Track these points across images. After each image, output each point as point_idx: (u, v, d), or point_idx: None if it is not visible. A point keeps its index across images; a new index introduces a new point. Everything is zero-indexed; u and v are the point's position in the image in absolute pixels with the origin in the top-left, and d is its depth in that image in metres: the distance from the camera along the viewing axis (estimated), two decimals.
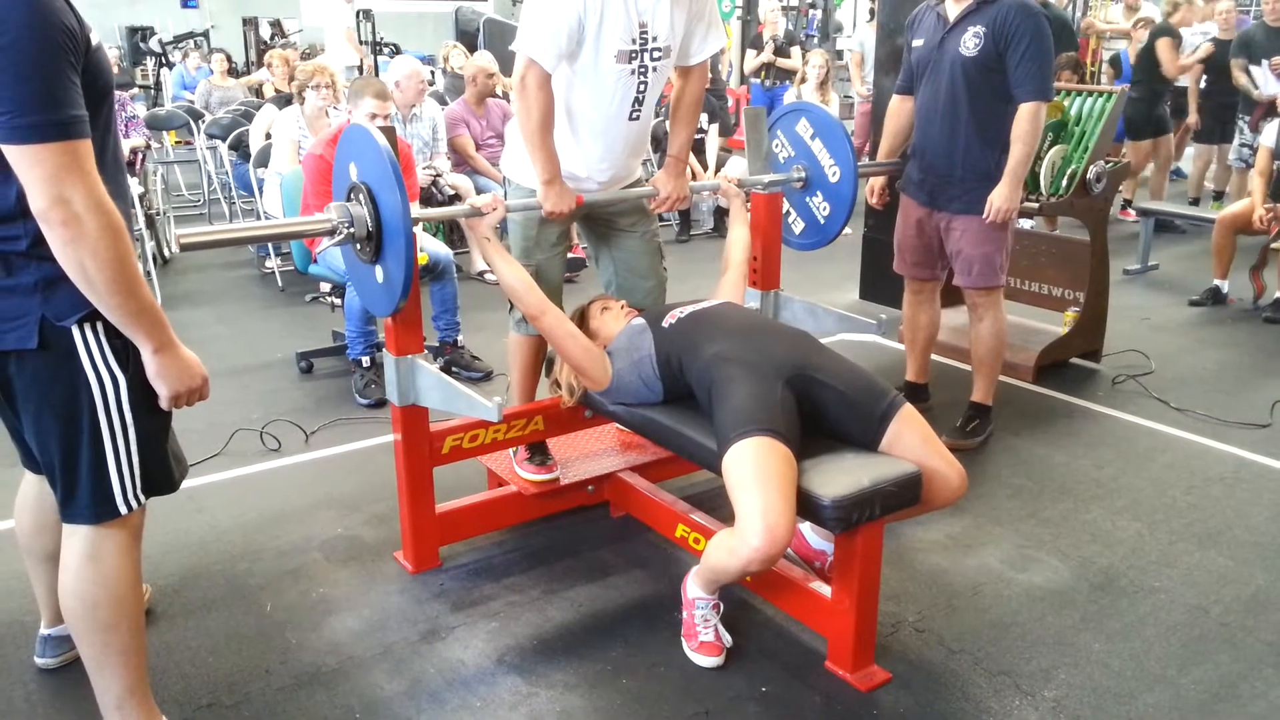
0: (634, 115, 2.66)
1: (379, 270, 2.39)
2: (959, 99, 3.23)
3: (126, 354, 1.71)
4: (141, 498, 1.80)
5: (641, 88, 2.61)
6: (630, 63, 2.55)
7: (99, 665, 1.84)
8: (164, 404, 1.75)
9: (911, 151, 3.48)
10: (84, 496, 1.76)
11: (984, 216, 3.26)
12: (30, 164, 1.47)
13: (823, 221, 3.21)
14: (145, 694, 1.91)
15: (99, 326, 1.68)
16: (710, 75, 7.40)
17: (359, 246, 2.39)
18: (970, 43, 3.17)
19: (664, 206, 2.88)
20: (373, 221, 2.32)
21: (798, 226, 3.30)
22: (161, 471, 1.85)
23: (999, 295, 3.42)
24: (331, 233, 2.37)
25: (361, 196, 2.32)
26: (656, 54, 2.58)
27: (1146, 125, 7.11)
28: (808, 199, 3.23)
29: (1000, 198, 3.23)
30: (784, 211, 3.27)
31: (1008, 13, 3.11)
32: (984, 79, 3.18)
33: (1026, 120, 3.17)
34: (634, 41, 2.53)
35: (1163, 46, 6.86)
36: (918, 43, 3.36)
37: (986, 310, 3.42)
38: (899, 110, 3.55)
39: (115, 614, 1.81)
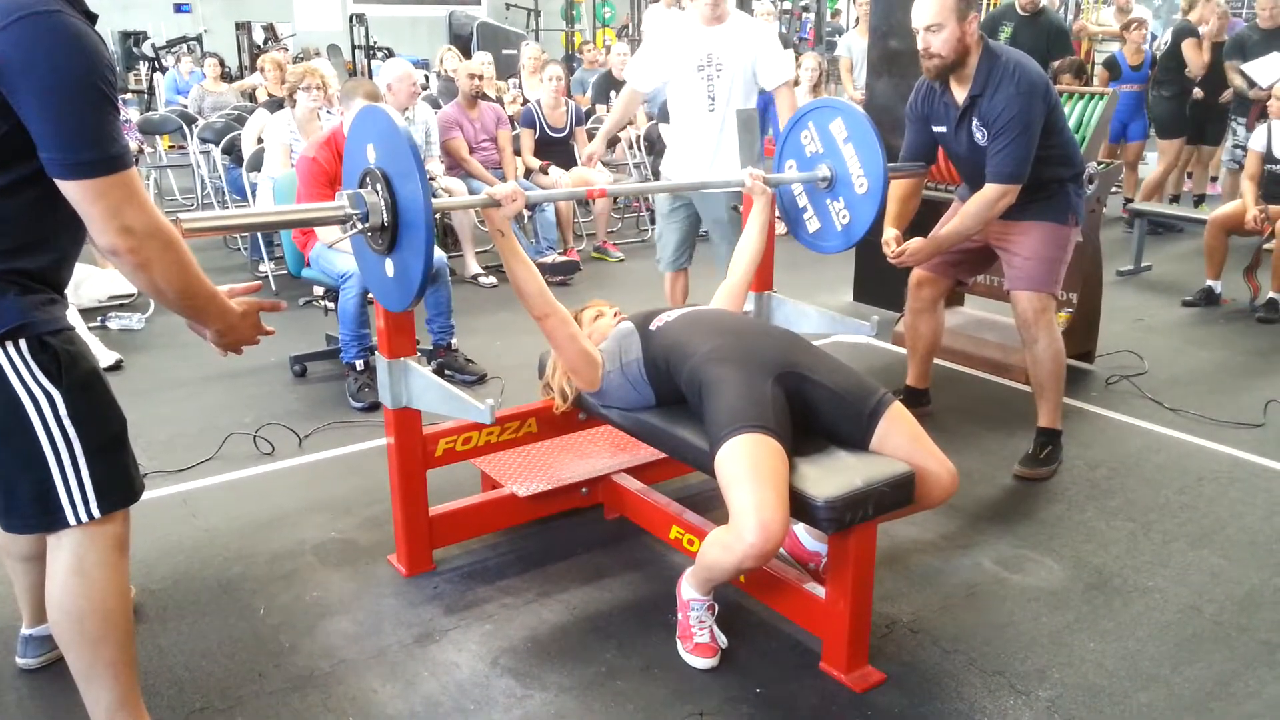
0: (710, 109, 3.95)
1: (392, 263, 2.27)
2: None
3: (58, 368, 1.69)
4: (96, 510, 1.75)
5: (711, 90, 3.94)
6: (700, 73, 3.93)
7: (88, 678, 1.83)
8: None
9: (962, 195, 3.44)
10: (24, 508, 1.74)
11: (895, 251, 3.26)
12: (92, 199, 1.55)
13: (839, 228, 3.06)
14: (136, 705, 1.89)
15: (21, 344, 1.65)
16: None
17: (372, 236, 2.25)
18: (978, 135, 3.15)
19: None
20: (389, 211, 2.17)
21: (812, 225, 3.15)
22: (119, 481, 1.80)
23: (1051, 312, 3.27)
24: (344, 221, 2.23)
25: (378, 184, 2.17)
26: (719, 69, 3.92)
27: (1176, 124, 7.13)
28: (828, 200, 3.06)
29: (915, 245, 3.24)
30: (800, 206, 3.15)
31: (997, 105, 3.04)
32: None
33: (985, 202, 3.12)
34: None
35: (1189, 47, 6.88)
36: (939, 129, 3.29)
37: (1040, 330, 3.24)
38: (902, 185, 3.43)
39: (102, 627, 1.80)
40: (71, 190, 1.56)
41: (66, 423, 1.70)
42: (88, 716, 1.91)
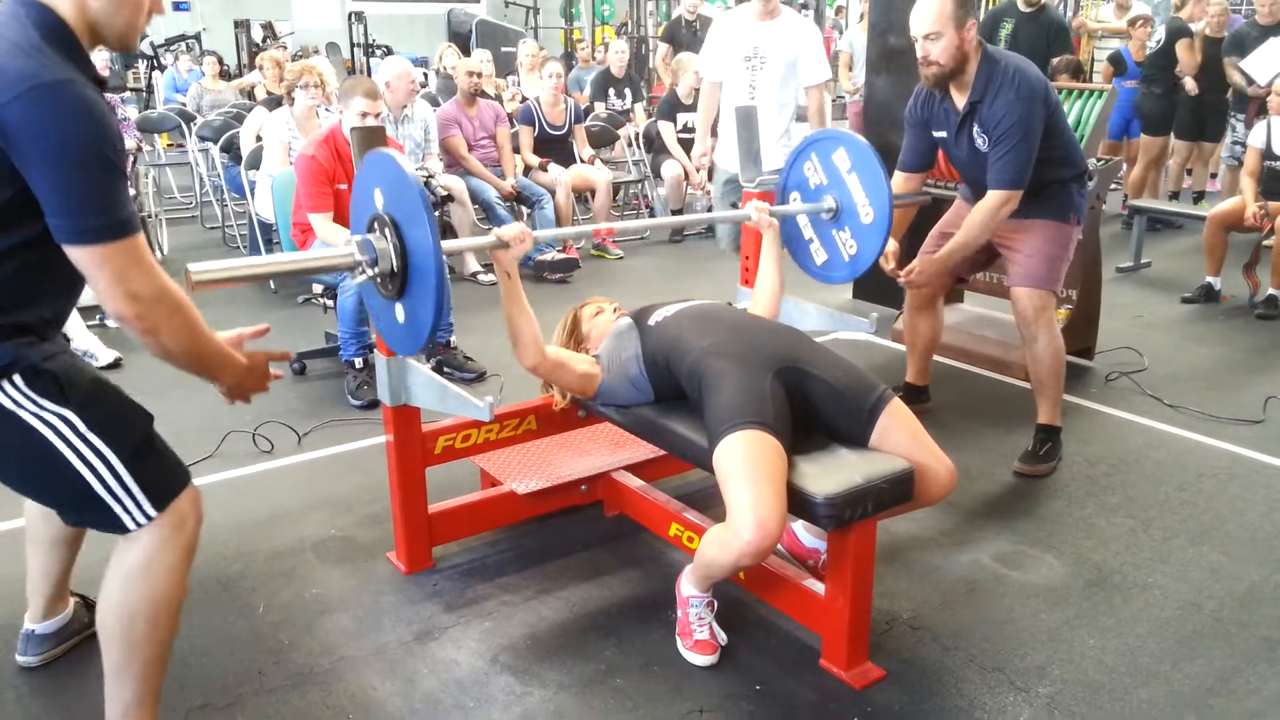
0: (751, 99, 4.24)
1: (402, 308, 2.20)
2: None
3: (60, 389, 1.70)
4: (152, 510, 1.76)
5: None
6: (746, 64, 4.33)
7: (118, 672, 1.83)
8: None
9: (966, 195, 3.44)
10: (86, 521, 1.78)
11: (903, 272, 3.26)
12: (97, 265, 1.58)
13: (846, 259, 2.99)
14: (154, 705, 1.89)
15: (15, 378, 1.67)
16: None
17: (381, 282, 2.19)
18: (979, 141, 3.15)
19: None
20: (398, 256, 2.11)
21: (819, 256, 3.08)
22: (166, 474, 1.81)
23: (1052, 311, 3.26)
24: (353, 268, 2.17)
25: (387, 230, 2.12)
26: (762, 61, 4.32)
27: (1163, 122, 7.13)
28: (834, 231, 3.00)
29: (922, 264, 3.24)
30: (806, 239, 3.09)
31: (997, 112, 3.03)
32: None
33: (988, 210, 3.11)
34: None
35: (1183, 47, 6.88)
36: (940, 134, 3.29)
37: (1040, 328, 3.22)
38: (902, 187, 3.43)
39: (150, 630, 1.81)
40: (78, 256, 1.59)
41: (91, 436, 1.71)
42: (88, 715, 1.91)
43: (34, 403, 1.68)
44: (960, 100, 3.15)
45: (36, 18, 1.61)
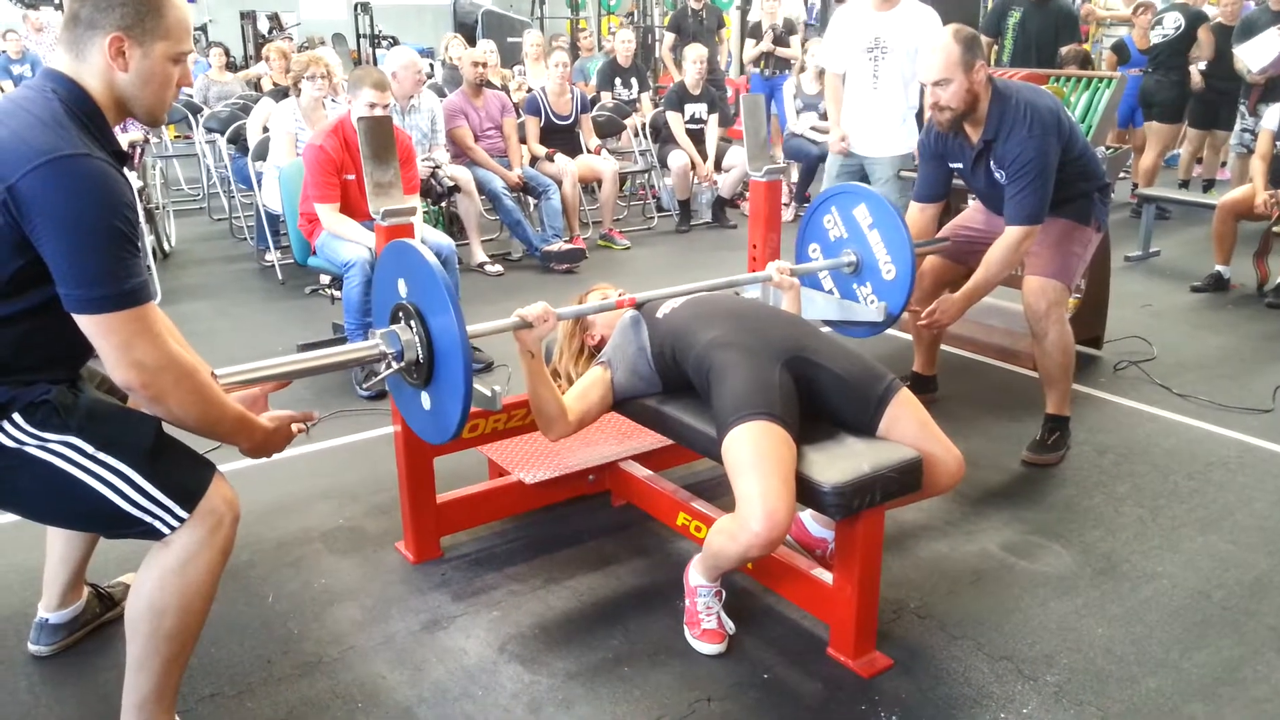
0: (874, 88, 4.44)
1: (429, 397, 2.17)
2: None
3: (59, 417, 1.70)
4: (183, 513, 1.76)
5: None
6: (868, 54, 4.41)
7: (140, 664, 1.84)
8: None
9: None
10: (122, 534, 1.78)
11: (923, 315, 3.20)
12: (104, 334, 1.62)
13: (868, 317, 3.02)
14: (171, 701, 1.90)
15: (14, 416, 1.68)
16: (709, 66, 7.40)
17: (408, 371, 2.16)
18: (997, 175, 3.15)
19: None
20: (424, 346, 2.09)
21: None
22: (188, 475, 1.81)
23: (1064, 307, 3.25)
24: (379, 360, 2.16)
25: (412, 320, 2.10)
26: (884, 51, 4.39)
27: (1176, 110, 7.10)
28: (856, 286, 3.02)
29: (944, 305, 3.20)
30: (827, 290, 3.11)
31: (1012, 150, 3.03)
32: None
33: (1007, 247, 3.09)
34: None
35: (1205, 33, 6.84)
36: (956, 165, 3.29)
37: (1050, 324, 3.19)
38: (919, 218, 3.43)
39: (179, 626, 1.81)
40: (86, 325, 1.62)
41: (101, 455, 1.72)
42: (98, 704, 1.92)
43: (36, 437, 1.69)
44: (974, 136, 3.16)
45: (64, 93, 1.67)
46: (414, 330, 2.11)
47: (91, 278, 1.59)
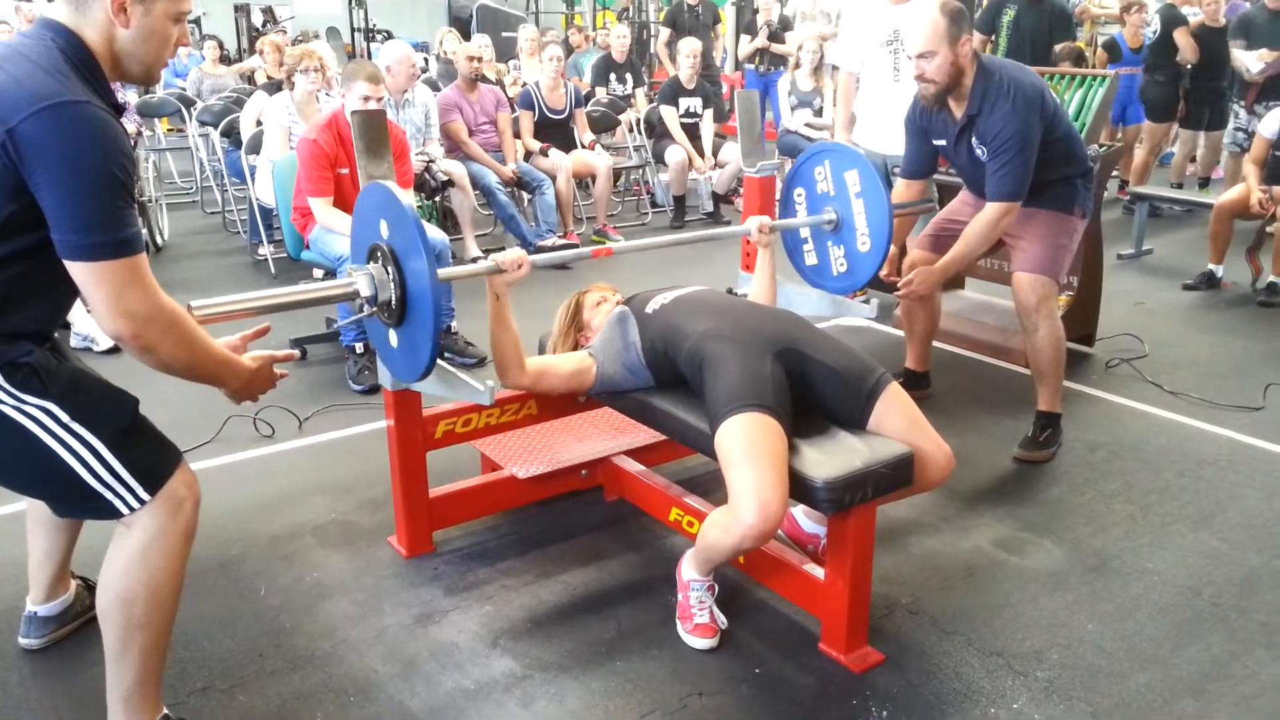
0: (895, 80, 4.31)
1: (398, 335, 2.25)
2: None
3: (40, 382, 1.70)
4: (145, 494, 1.77)
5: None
6: (887, 47, 4.31)
7: (118, 656, 1.84)
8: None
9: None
10: (78, 510, 1.80)
11: (900, 284, 3.26)
12: (95, 282, 1.61)
13: (834, 274, 3.06)
14: (155, 689, 1.90)
15: None
16: (704, 61, 7.40)
17: (381, 311, 2.23)
18: (979, 151, 3.16)
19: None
20: (398, 288, 2.15)
21: (809, 258, 3.15)
22: (155, 457, 1.82)
23: (1053, 301, 3.26)
24: (353, 298, 2.22)
25: (387, 262, 2.15)
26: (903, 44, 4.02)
27: (1167, 109, 7.11)
28: (829, 243, 3.05)
29: (922, 275, 3.24)
30: (801, 238, 3.13)
31: (994, 125, 3.04)
32: None
33: (987, 223, 3.12)
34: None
35: (1181, 35, 6.86)
36: (940, 142, 3.31)
37: (1040, 318, 3.21)
38: (904, 194, 3.45)
39: (150, 613, 1.81)
40: (78, 272, 1.62)
41: (74, 426, 1.72)
42: (90, 697, 1.92)
43: (15, 397, 1.69)
44: (958, 112, 3.17)
45: (63, 42, 1.66)
46: (389, 273, 2.15)
47: (87, 224, 1.58)
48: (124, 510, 1.76)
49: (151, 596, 1.80)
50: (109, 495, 1.75)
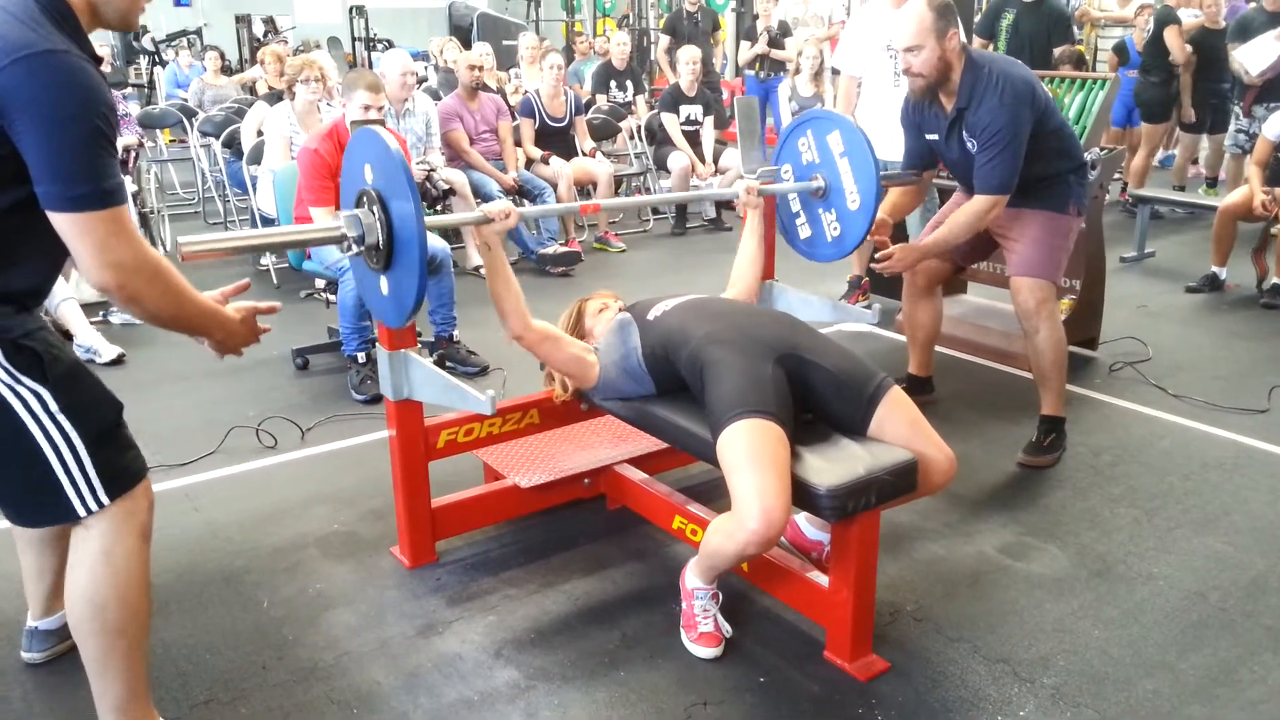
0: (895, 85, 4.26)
1: (388, 281, 2.29)
2: None
3: (40, 366, 1.71)
4: (105, 498, 1.78)
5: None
6: (887, 52, 4.30)
7: (102, 668, 1.84)
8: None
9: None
10: (34, 504, 1.77)
11: (881, 259, 3.25)
12: (80, 233, 1.59)
13: (829, 239, 3.06)
14: (145, 698, 1.90)
15: None
16: (705, 68, 7.39)
17: (369, 255, 2.27)
18: (969, 144, 3.17)
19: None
20: (384, 230, 2.20)
21: (804, 231, 3.14)
22: (124, 465, 1.82)
23: (1053, 302, 3.26)
24: (340, 240, 2.26)
25: (374, 205, 2.20)
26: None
27: (1162, 110, 7.10)
28: (820, 210, 3.06)
29: (903, 251, 3.23)
30: (794, 212, 3.15)
31: (983, 118, 3.05)
32: None
33: (973, 213, 3.13)
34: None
35: (1171, 34, 6.85)
36: (932, 137, 3.31)
37: (1041, 320, 3.21)
38: (906, 192, 3.46)
39: (123, 617, 1.81)
40: (62, 223, 1.59)
41: (60, 416, 1.72)
42: (92, 711, 1.91)
43: (11, 376, 1.69)
44: (949, 105, 3.17)
45: None
46: (376, 215, 2.19)
47: (71, 174, 1.56)
48: (81, 511, 1.77)
49: (121, 601, 1.80)
50: (70, 491, 1.75)
